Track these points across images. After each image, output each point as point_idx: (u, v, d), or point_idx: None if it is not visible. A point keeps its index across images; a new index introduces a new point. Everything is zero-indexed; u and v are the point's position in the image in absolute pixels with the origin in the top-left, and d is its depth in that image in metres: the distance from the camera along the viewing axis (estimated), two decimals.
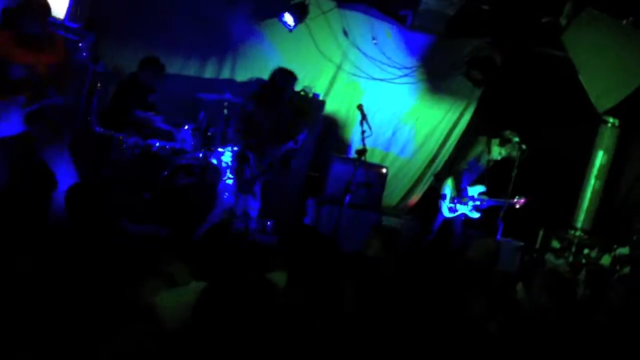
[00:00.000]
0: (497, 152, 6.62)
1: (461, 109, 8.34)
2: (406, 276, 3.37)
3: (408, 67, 8.01)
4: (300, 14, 7.05)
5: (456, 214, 6.66)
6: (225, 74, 7.40)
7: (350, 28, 7.67)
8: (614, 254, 6.52)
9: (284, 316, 2.37)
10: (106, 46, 6.51)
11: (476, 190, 6.66)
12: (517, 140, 6.48)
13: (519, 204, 6.43)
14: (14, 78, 4.27)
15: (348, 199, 5.81)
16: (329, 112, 7.76)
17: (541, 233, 7.43)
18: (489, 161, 6.66)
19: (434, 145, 8.40)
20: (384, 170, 7.16)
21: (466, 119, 8.39)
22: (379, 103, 7.91)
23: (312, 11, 7.26)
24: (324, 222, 6.41)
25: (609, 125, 7.60)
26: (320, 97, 7.46)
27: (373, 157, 7.64)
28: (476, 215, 6.65)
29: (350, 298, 2.85)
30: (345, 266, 3.13)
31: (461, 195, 6.65)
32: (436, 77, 8.15)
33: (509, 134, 6.55)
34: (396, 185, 8.26)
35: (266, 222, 6.52)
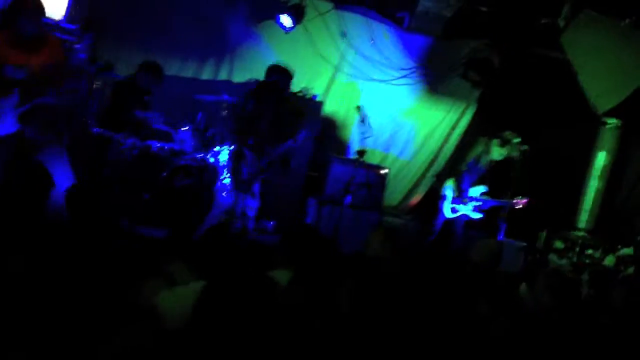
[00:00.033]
0: (497, 152, 6.60)
1: (461, 110, 8.33)
2: (407, 276, 3.34)
3: (406, 69, 8.01)
4: (297, 15, 7.06)
5: (457, 214, 6.64)
6: (222, 75, 7.41)
7: (347, 29, 7.69)
8: (618, 254, 6.51)
9: (285, 315, 2.34)
10: (104, 47, 6.50)
11: (477, 191, 6.64)
12: (517, 141, 6.47)
13: (520, 204, 6.41)
14: (7, 78, 4.25)
15: (348, 199, 5.79)
16: (327, 113, 7.76)
17: (544, 234, 7.40)
18: (489, 162, 6.64)
19: (434, 146, 8.38)
20: (384, 171, 7.14)
21: (466, 120, 8.37)
22: (377, 104, 7.90)
23: (310, 13, 7.28)
24: (324, 222, 6.38)
25: (610, 126, 7.59)
26: (319, 98, 7.45)
27: (373, 158, 7.63)
28: (478, 215, 6.63)
29: (350, 298, 2.82)
30: (345, 266, 3.11)
31: (462, 196, 6.63)
32: (434, 78, 8.15)
33: (509, 135, 6.54)
34: (396, 186, 8.23)
35: (268, 223, 6.50)
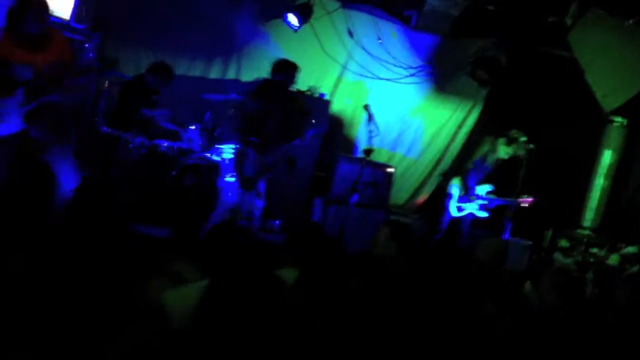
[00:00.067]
0: (503, 151, 6.59)
1: (468, 108, 8.32)
2: (414, 275, 3.35)
3: (413, 67, 8.01)
4: (304, 14, 7.05)
5: (464, 213, 6.64)
6: (230, 74, 7.42)
7: (355, 28, 7.68)
8: (622, 253, 6.50)
9: (292, 313, 2.36)
10: (112, 47, 6.52)
11: (484, 190, 6.64)
12: (523, 139, 6.46)
13: (526, 202, 6.40)
14: (13, 77, 4.25)
15: (355, 198, 5.79)
16: (334, 112, 7.77)
17: (549, 232, 7.39)
18: (496, 160, 6.64)
19: (440, 144, 8.37)
20: (391, 170, 7.14)
21: (473, 118, 8.36)
22: (385, 103, 7.90)
23: (317, 11, 7.27)
24: (330, 221, 6.40)
25: (617, 124, 7.56)
26: (326, 97, 7.46)
27: (380, 157, 7.63)
28: (484, 214, 6.63)
29: (356, 296, 2.84)
30: (352, 265, 3.12)
31: (469, 195, 6.63)
32: (441, 77, 8.14)
33: (515, 133, 6.54)
34: (403, 185, 8.24)
35: (274, 222, 6.52)
